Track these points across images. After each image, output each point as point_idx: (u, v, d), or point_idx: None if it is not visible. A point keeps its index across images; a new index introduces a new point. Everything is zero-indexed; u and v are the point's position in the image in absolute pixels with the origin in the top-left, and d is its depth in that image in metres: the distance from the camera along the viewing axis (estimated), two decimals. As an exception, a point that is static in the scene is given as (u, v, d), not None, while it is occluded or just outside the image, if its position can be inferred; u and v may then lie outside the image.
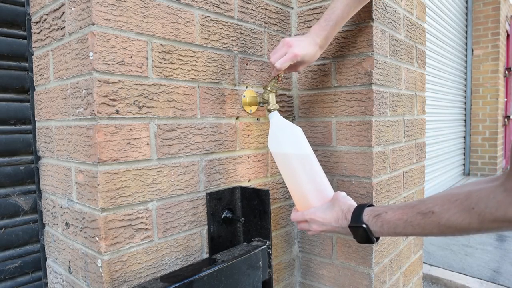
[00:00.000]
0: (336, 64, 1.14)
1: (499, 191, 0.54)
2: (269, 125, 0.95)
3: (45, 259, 0.99)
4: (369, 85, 1.07)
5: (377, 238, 0.75)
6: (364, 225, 0.72)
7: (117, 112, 0.76)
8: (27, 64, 0.96)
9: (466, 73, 5.51)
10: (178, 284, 0.73)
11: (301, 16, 1.21)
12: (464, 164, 5.59)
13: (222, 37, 0.98)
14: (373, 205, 0.77)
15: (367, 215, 0.73)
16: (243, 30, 1.04)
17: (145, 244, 0.82)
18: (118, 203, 0.76)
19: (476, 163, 5.47)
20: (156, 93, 0.83)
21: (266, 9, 1.12)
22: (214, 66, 0.96)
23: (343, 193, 0.86)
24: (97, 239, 0.75)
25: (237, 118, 1.04)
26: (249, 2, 1.06)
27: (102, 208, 0.74)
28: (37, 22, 0.92)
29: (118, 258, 0.77)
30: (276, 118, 0.94)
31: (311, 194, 0.88)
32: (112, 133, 0.75)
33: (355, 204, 0.79)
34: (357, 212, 0.75)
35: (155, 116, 0.83)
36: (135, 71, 0.79)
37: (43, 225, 0.99)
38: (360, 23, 1.08)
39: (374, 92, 1.07)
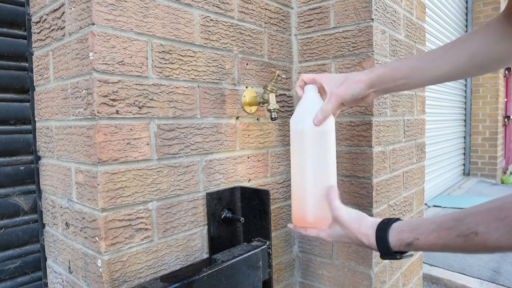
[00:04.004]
0: (336, 64, 1.14)
1: None
2: (302, 99, 0.84)
3: (45, 259, 0.99)
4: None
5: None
6: (398, 257, 0.65)
7: (117, 112, 0.76)
8: (27, 64, 0.96)
9: (466, 73, 5.49)
10: (178, 284, 0.73)
11: (301, 16, 1.21)
12: (464, 164, 5.59)
13: (222, 37, 0.98)
14: (395, 220, 0.66)
15: (395, 245, 0.63)
16: (243, 30, 1.04)
17: (145, 244, 0.82)
18: (118, 203, 0.76)
19: (476, 163, 5.47)
20: (156, 93, 0.83)
21: (266, 9, 1.12)
22: (214, 66, 0.96)
23: (344, 212, 0.73)
24: (97, 239, 0.75)
25: (237, 118, 1.04)
26: (249, 2, 1.06)
27: (102, 208, 0.74)
28: (37, 22, 0.92)
29: (118, 258, 0.77)
30: (310, 94, 0.82)
31: (311, 183, 0.79)
32: (112, 133, 0.75)
33: (370, 233, 0.68)
34: (383, 244, 0.65)
35: (155, 116, 0.83)
36: (135, 71, 0.79)
37: (43, 225, 0.99)
38: (360, 23, 1.08)
39: (374, 92, 1.07)
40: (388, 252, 0.64)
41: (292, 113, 1.24)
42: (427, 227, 0.59)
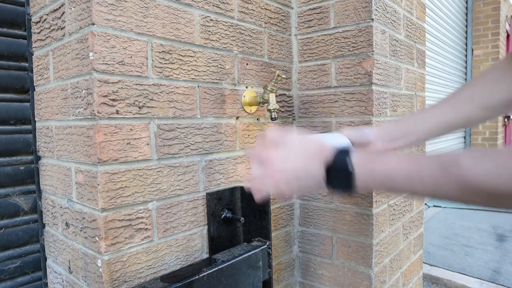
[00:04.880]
0: (336, 64, 1.14)
1: None
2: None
3: (45, 259, 0.99)
4: (369, 85, 1.07)
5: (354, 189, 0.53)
6: (350, 169, 0.52)
7: (117, 112, 0.76)
8: (27, 64, 0.96)
9: (466, 73, 5.51)
10: (178, 284, 0.73)
11: (301, 16, 1.21)
12: (464, 164, 5.57)
13: (222, 37, 0.98)
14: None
15: (358, 162, 0.52)
16: (243, 30, 1.04)
17: (145, 244, 0.82)
18: (118, 203, 0.76)
19: (476, 163, 5.45)
20: (156, 93, 0.83)
21: (266, 9, 1.12)
22: (214, 66, 0.96)
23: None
24: (97, 239, 0.75)
25: (237, 118, 1.04)
26: (249, 2, 1.06)
27: (102, 208, 0.74)
28: (37, 22, 0.92)
29: (118, 258, 0.77)
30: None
31: None
32: (112, 133, 0.75)
33: (326, 150, 0.56)
34: (342, 162, 0.53)
35: (155, 116, 0.83)
36: (135, 71, 0.79)
37: (43, 225, 0.99)
38: (360, 23, 1.08)
39: (374, 92, 1.07)
40: (344, 174, 0.52)
41: (292, 113, 1.24)
42: (402, 154, 0.51)
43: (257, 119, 1.10)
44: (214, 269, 0.79)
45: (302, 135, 0.61)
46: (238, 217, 1.01)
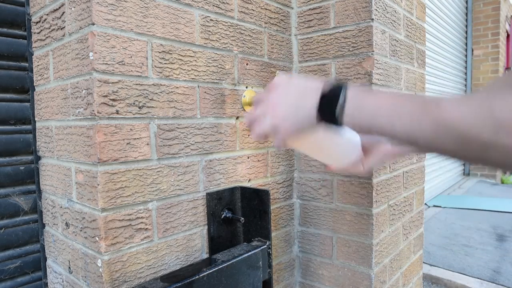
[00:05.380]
0: (336, 64, 1.14)
1: None
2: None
3: (45, 259, 0.99)
4: (369, 85, 1.07)
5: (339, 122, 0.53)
6: (341, 94, 0.52)
7: (117, 112, 0.76)
8: (27, 64, 0.96)
9: (466, 73, 5.51)
10: (178, 284, 0.73)
11: (301, 16, 1.21)
12: (464, 164, 5.58)
13: (222, 37, 0.98)
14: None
15: (351, 91, 0.52)
16: (243, 30, 1.04)
17: (145, 244, 0.82)
18: (118, 203, 0.76)
19: (476, 163, 5.45)
20: (156, 93, 0.83)
21: (266, 9, 1.12)
22: (214, 66, 0.96)
23: None
24: (97, 239, 0.75)
25: (237, 118, 1.04)
26: (249, 2, 1.06)
27: (102, 208, 0.74)
28: (37, 22, 0.92)
29: (118, 258, 0.77)
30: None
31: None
32: (112, 133, 0.75)
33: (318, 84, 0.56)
34: (337, 86, 0.53)
35: (155, 116, 0.83)
36: (135, 71, 0.79)
37: (43, 225, 0.99)
38: (360, 23, 1.08)
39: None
40: (335, 103, 0.52)
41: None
42: (388, 92, 0.49)
43: (257, 119, 1.10)
44: (214, 269, 0.79)
45: (306, 77, 0.60)
46: (238, 217, 1.01)
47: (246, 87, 1.06)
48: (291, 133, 0.59)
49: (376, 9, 1.08)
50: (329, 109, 0.53)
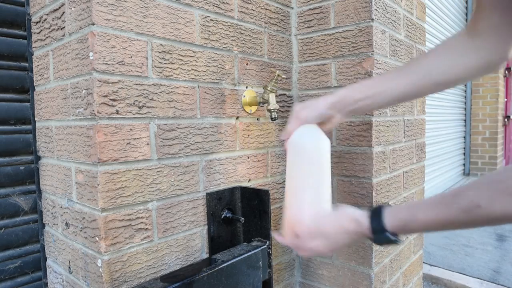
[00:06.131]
0: (336, 64, 1.14)
1: None
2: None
3: (45, 259, 0.99)
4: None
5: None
6: (393, 239, 0.60)
7: (117, 112, 0.76)
8: (27, 64, 0.96)
9: (466, 73, 5.49)
10: (178, 284, 0.73)
11: (301, 16, 1.21)
12: (464, 164, 5.59)
13: (222, 37, 0.98)
14: (388, 205, 0.64)
15: (391, 225, 0.60)
16: (243, 30, 1.04)
17: (145, 244, 0.82)
18: (118, 203, 0.76)
19: (476, 163, 5.47)
20: (156, 93, 0.83)
21: (266, 9, 1.12)
22: (214, 66, 0.96)
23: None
24: (97, 239, 0.75)
25: (237, 118, 1.04)
26: (249, 2, 1.06)
27: (102, 208, 0.74)
28: (37, 22, 0.92)
29: (118, 258, 0.77)
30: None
31: (308, 199, 0.74)
32: (112, 133, 0.75)
33: (360, 218, 0.64)
34: (378, 225, 0.61)
35: (155, 116, 0.83)
36: (135, 71, 0.79)
37: (43, 225, 0.99)
38: (360, 23, 1.08)
39: (374, 92, 1.07)
40: (382, 233, 0.60)
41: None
42: (425, 205, 0.58)
43: (257, 119, 1.10)
44: (214, 269, 0.79)
45: (330, 215, 0.70)
46: (238, 217, 1.01)
47: (246, 87, 1.06)
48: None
49: (376, 9, 1.08)
50: (381, 242, 0.62)
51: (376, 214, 0.62)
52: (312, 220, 0.70)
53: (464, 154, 5.53)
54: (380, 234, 0.61)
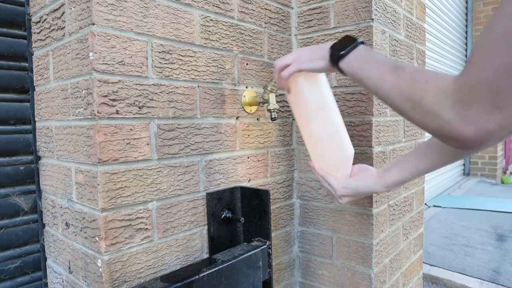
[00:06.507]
0: (336, 64, 1.14)
1: (449, 95, 0.48)
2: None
3: (45, 259, 0.99)
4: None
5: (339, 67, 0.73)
6: (347, 47, 0.71)
7: (117, 112, 0.76)
8: (27, 64, 0.96)
9: (466, 73, 5.49)
10: (178, 284, 0.73)
11: (301, 16, 1.21)
12: (464, 164, 5.59)
13: (222, 37, 0.98)
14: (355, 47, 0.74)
15: (344, 64, 0.72)
16: (243, 30, 1.04)
17: (145, 244, 0.82)
18: (118, 203, 0.76)
19: (476, 163, 5.47)
20: (156, 93, 0.83)
21: (266, 9, 1.12)
22: (214, 66, 0.96)
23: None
24: (97, 239, 0.75)
25: (237, 118, 1.04)
26: (249, 2, 1.06)
27: (102, 208, 0.74)
28: (37, 22, 0.92)
29: (118, 258, 0.77)
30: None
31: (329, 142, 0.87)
32: (112, 133, 0.75)
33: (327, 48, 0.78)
34: (335, 58, 0.74)
35: (155, 116, 0.83)
36: (135, 71, 0.79)
37: (43, 225, 0.99)
38: (360, 23, 1.08)
39: (374, 92, 1.07)
40: (335, 62, 0.73)
41: (293, 113, 1.24)
42: (373, 62, 0.67)
43: (257, 119, 1.10)
44: (214, 269, 0.79)
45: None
46: (238, 217, 1.01)
47: (246, 87, 1.06)
48: (304, 67, 0.79)
49: (376, 9, 1.08)
50: (335, 53, 0.73)
51: (337, 51, 0.73)
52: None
53: (464, 154, 5.51)
54: (334, 62, 0.74)
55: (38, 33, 0.92)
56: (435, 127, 0.51)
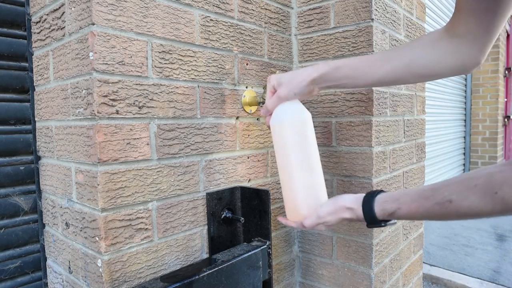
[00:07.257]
0: (336, 64, 1.14)
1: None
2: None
3: (45, 259, 0.99)
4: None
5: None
6: (383, 225, 0.72)
7: (117, 112, 0.76)
8: (27, 64, 0.96)
9: (466, 73, 5.50)
10: (178, 284, 0.73)
11: (301, 16, 1.21)
12: (464, 164, 5.59)
13: (222, 37, 0.98)
14: (379, 192, 0.73)
15: (380, 214, 0.70)
16: (243, 30, 1.04)
17: (145, 244, 0.82)
18: (118, 203, 0.76)
19: (476, 163, 5.47)
20: (156, 93, 0.83)
21: (266, 9, 1.12)
22: (214, 66, 0.96)
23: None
24: (97, 239, 0.75)
25: (237, 118, 1.04)
26: (249, 2, 1.06)
27: (102, 208, 0.74)
28: (37, 22, 0.92)
29: (118, 258, 0.77)
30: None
31: (303, 190, 0.82)
32: (112, 133, 0.75)
33: (356, 207, 0.74)
34: (370, 215, 0.72)
35: (155, 116, 0.83)
36: (135, 71, 0.79)
37: (43, 225, 0.99)
38: (360, 23, 1.08)
39: (374, 92, 1.07)
40: (374, 221, 0.72)
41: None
42: (408, 198, 0.66)
43: (257, 119, 1.10)
44: (214, 269, 0.79)
45: (328, 206, 0.79)
46: (238, 217, 1.01)
47: (246, 87, 1.06)
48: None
49: (376, 9, 1.08)
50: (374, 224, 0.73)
51: (367, 204, 0.72)
52: (312, 212, 0.80)
53: (464, 154, 5.53)
54: (372, 222, 0.72)
55: (38, 33, 0.92)
56: None
